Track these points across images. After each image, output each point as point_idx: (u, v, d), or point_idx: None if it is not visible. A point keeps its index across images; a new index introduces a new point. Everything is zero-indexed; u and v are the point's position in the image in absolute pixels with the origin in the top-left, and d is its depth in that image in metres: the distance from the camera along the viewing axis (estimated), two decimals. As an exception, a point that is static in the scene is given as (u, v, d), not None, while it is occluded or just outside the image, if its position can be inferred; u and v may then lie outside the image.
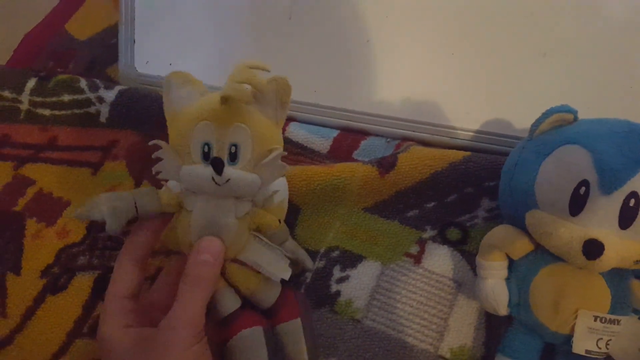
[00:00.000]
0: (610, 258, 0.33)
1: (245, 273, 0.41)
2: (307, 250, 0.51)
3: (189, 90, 0.41)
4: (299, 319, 0.42)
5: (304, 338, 0.42)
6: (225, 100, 0.37)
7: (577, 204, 0.36)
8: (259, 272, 0.41)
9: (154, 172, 0.40)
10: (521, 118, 0.54)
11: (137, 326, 0.38)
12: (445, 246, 0.51)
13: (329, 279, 0.49)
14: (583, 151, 0.37)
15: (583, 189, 0.36)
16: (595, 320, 0.38)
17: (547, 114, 0.40)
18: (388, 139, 0.58)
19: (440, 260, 0.50)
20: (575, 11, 0.54)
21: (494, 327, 0.46)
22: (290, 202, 0.53)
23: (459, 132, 0.56)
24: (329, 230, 0.53)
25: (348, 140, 0.58)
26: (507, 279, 0.42)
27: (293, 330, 0.42)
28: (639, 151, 0.36)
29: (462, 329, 0.47)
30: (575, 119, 0.41)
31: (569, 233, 0.36)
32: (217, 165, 0.37)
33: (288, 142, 0.57)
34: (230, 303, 0.41)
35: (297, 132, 0.58)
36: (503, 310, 0.41)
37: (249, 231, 0.41)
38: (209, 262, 0.38)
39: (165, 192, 0.41)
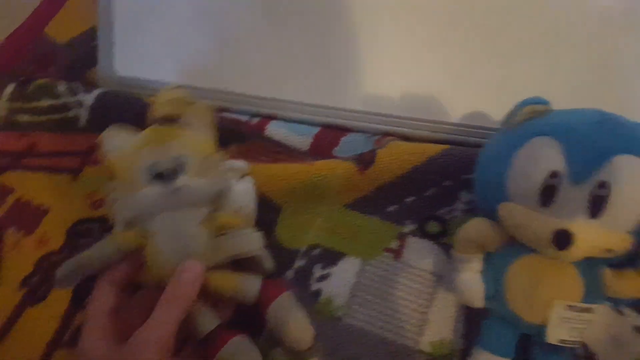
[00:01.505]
0: (581, 248, 0.34)
1: (223, 275, 0.41)
2: (288, 250, 0.51)
3: (122, 136, 0.44)
4: (288, 292, 0.43)
5: (300, 308, 0.43)
6: (158, 119, 0.41)
7: (548, 195, 0.36)
8: (236, 270, 0.42)
9: (110, 217, 0.42)
10: (500, 110, 0.54)
11: (115, 342, 0.38)
12: (425, 240, 0.51)
13: (310, 278, 0.50)
14: (553, 142, 0.37)
15: (553, 179, 0.36)
16: (568, 309, 0.38)
17: (520, 106, 0.41)
18: (368, 135, 0.58)
19: (420, 254, 0.50)
20: (553, 5, 0.54)
21: (473, 320, 0.46)
22: (270, 201, 0.53)
23: (438, 125, 0.56)
24: (310, 228, 0.53)
25: (328, 137, 0.58)
26: (483, 272, 0.42)
27: (286, 304, 0.43)
28: (608, 141, 0.36)
29: (442, 322, 0.47)
30: (549, 110, 0.41)
31: (540, 224, 0.36)
32: (165, 177, 0.39)
33: (268, 141, 0.58)
34: (210, 322, 0.41)
35: (277, 131, 0.58)
36: (479, 303, 0.42)
37: (214, 236, 0.42)
38: (188, 281, 0.39)
39: (118, 234, 0.42)
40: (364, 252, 0.51)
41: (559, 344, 0.39)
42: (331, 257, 0.51)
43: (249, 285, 0.42)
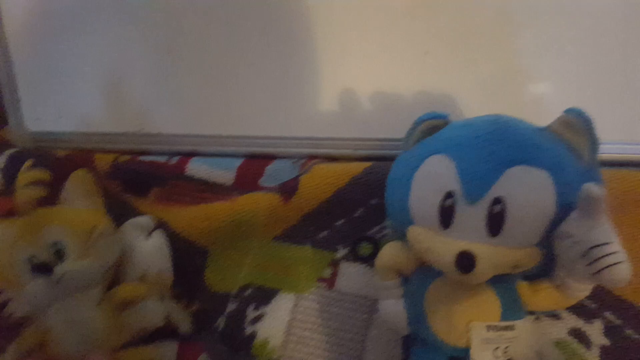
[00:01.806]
0: (485, 268, 0.32)
1: (135, 352, 0.40)
2: (219, 295, 0.50)
3: None
4: (204, 354, 0.44)
5: None
6: (21, 206, 0.39)
7: (446, 216, 0.35)
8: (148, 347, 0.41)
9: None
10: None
11: None
12: (357, 264, 0.49)
13: (243, 321, 0.48)
14: (447, 160, 0.35)
15: (449, 200, 0.35)
16: (488, 330, 0.37)
17: (417, 123, 0.39)
18: (294, 160, 0.56)
19: (353, 279, 0.49)
20: (455, 6, 0.53)
21: (409, 344, 0.45)
22: (195, 244, 0.52)
23: (361, 142, 0.55)
24: (241, 267, 0.52)
25: (252, 167, 0.56)
26: (404, 297, 0.41)
27: None
28: (500, 153, 0.34)
29: (379, 348, 0.46)
30: (447, 122, 0.39)
31: (442, 247, 0.35)
32: (46, 267, 0.37)
33: (190, 180, 0.56)
34: None
35: (198, 168, 0.56)
36: (404, 330, 0.41)
37: (118, 312, 0.40)
38: None
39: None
40: (297, 286, 0.49)
41: None
42: (264, 296, 0.49)
43: (164, 356, 0.41)
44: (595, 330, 0.44)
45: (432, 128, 0.39)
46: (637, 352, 0.42)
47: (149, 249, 0.44)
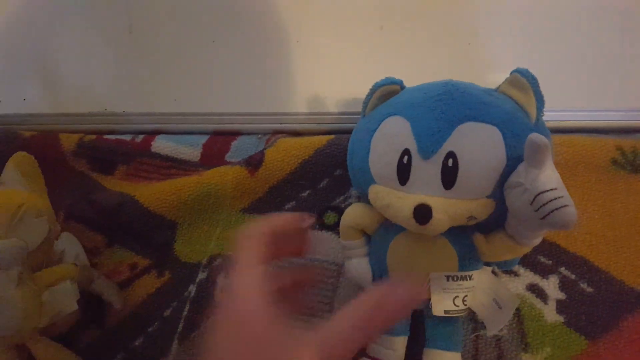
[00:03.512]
0: (441, 219, 0.34)
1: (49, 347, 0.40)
2: (189, 264, 0.50)
3: None
4: None
5: None
6: None
7: (403, 173, 0.37)
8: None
9: None
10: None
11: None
12: (324, 232, 0.51)
13: (214, 289, 0.49)
14: (402, 121, 0.37)
15: (406, 157, 0.36)
16: (447, 280, 0.39)
17: (374, 89, 0.41)
18: (259, 135, 0.57)
19: (321, 246, 0.50)
20: None
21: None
22: (165, 218, 0.52)
23: (324, 117, 0.56)
24: (210, 238, 0.52)
25: (218, 144, 0.57)
26: (369, 255, 0.42)
27: None
28: (451, 112, 0.36)
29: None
30: (402, 88, 0.41)
31: (401, 202, 0.36)
32: None
33: (157, 157, 0.56)
34: None
35: (164, 145, 0.57)
36: (369, 286, 0.42)
37: (40, 294, 0.40)
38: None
39: None
40: (266, 254, 0.50)
41: (444, 315, 0.40)
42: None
43: None
44: (551, 285, 0.46)
45: (387, 93, 0.40)
46: (591, 305, 0.45)
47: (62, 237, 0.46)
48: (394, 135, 0.37)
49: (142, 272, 0.51)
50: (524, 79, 0.36)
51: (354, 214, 0.42)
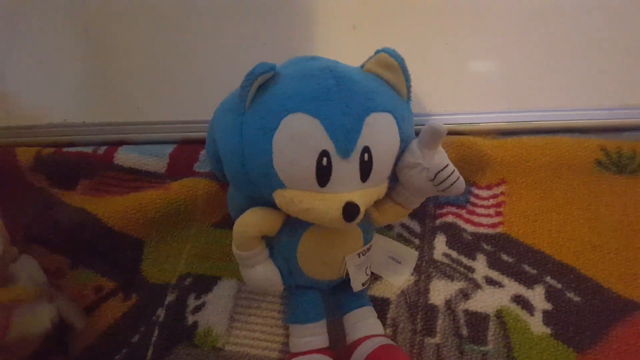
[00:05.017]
0: (362, 211, 0.35)
1: None
2: (157, 286, 0.48)
3: None
4: None
5: None
6: None
7: (323, 175, 0.35)
8: None
9: None
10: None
11: None
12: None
13: (184, 311, 0.46)
14: (309, 119, 0.34)
15: (325, 159, 0.35)
16: (359, 257, 0.41)
17: (252, 79, 0.35)
18: (230, 143, 0.54)
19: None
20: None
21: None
22: (129, 237, 0.49)
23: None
24: (179, 257, 0.50)
25: (185, 153, 0.54)
26: (272, 256, 0.41)
27: None
28: (354, 105, 0.35)
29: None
30: (275, 73, 0.37)
31: (324, 204, 0.35)
32: None
33: (119, 170, 0.53)
34: None
35: (127, 157, 0.53)
36: (280, 287, 0.41)
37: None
38: None
39: None
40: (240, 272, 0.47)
41: (362, 288, 0.42)
42: (204, 284, 0.48)
43: None
44: (537, 296, 0.44)
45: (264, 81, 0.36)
46: (579, 315, 0.43)
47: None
48: (305, 136, 0.34)
49: (108, 296, 0.48)
50: (392, 59, 0.37)
51: (256, 222, 0.39)
